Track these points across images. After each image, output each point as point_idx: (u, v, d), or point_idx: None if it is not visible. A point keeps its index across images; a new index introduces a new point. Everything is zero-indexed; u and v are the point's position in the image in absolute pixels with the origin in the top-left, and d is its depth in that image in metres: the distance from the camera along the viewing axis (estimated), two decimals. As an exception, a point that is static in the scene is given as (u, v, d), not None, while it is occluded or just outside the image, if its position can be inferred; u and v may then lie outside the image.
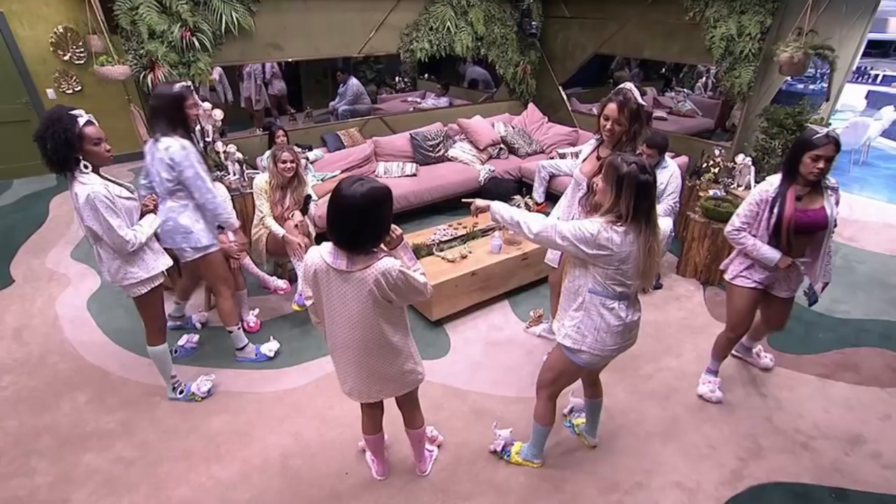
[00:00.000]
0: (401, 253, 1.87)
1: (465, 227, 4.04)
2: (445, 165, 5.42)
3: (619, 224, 1.79)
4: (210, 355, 3.18)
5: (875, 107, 8.80)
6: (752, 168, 4.30)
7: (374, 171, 5.10)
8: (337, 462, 2.46)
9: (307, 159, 4.71)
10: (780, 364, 3.19)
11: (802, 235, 2.42)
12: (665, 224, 3.35)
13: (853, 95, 8.96)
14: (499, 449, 2.48)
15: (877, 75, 11.68)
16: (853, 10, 4.43)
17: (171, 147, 2.50)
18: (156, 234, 2.47)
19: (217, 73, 5.95)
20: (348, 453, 2.50)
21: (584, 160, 2.62)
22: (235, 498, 2.28)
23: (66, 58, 5.99)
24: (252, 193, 3.59)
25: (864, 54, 6.45)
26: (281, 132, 4.33)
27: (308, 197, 3.53)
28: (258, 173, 3.78)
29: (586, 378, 2.30)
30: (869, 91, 9.85)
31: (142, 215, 2.40)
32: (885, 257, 4.60)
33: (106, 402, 2.81)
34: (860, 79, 11.46)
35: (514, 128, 6.02)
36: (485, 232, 3.95)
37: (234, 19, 4.22)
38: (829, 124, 3.61)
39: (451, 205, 5.06)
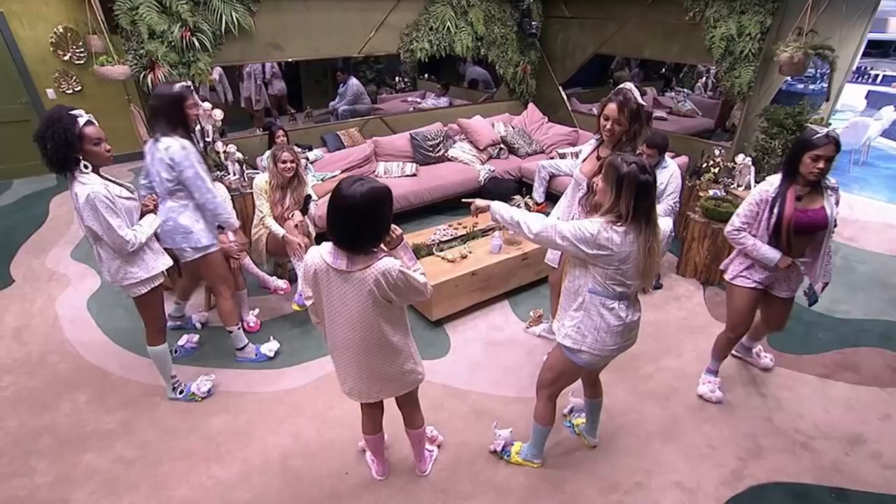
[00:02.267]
0: (401, 253, 1.87)
1: (465, 227, 4.04)
2: (445, 165, 5.42)
3: (619, 224, 1.79)
4: (210, 355, 3.18)
5: (875, 107, 8.80)
6: (752, 168, 4.30)
7: (374, 171, 5.10)
8: (337, 462, 2.46)
9: (307, 159, 4.71)
10: (780, 364, 3.19)
11: (802, 235, 2.42)
12: (665, 224, 3.35)
13: (853, 95, 8.96)
14: (499, 449, 2.48)
15: (877, 75, 11.68)
16: (853, 10, 4.43)
17: (171, 147, 2.50)
18: (156, 234, 2.47)
19: (217, 73, 5.95)
20: (348, 453, 2.50)
21: (584, 160, 2.62)
22: (235, 498, 2.28)
23: (66, 58, 5.99)
24: (252, 193, 3.59)
25: (864, 54, 6.45)
26: (281, 132, 4.33)
27: (308, 197, 3.53)
28: (258, 173, 3.78)
29: (586, 378, 2.30)
30: (869, 91, 9.84)
31: (142, 215, 2.40)
32: (885, 257, 4.60)
33: (106, 402, 2.81)
34: (860, 79, 11.46)
35: (514, 128, 6.02)
36: (485, 232, 3.95)
37: (234, 19, 4.22)
38: (829, 124, 3.61)
39: (451, 205, 5.06)
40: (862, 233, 5.06)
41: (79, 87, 6.16)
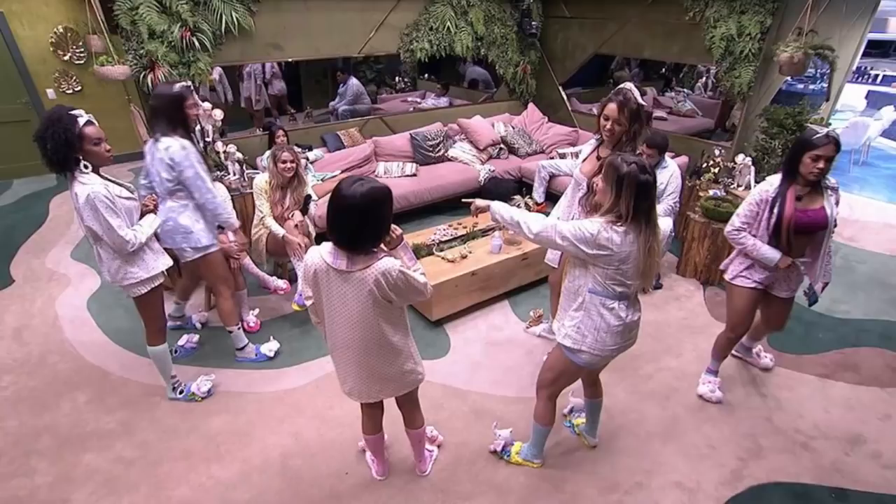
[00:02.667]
0: (401, 253, 1.88)
1: (465, 227, 4.04)
2: (445, 165, 5.42)
3: (619, 224, 1.79)
4: (210, 355, 3.18)
5: (875, 107, 8.80)
6: (752, 168, 4.30)
7: (374, 171, 5.10)
8: (337, 462, 2.46)
9: (307, 159, 4.71)
10: (780, 364, 3.19)
11: (802, 235, 2.42)
12: (665, 224, 3.35)
13: (853, 95, 8.96)
14: (499, 449, 2.48)
15: (877, 75, 11.68)
16: (853, 10, 4.43)
17: (171, 147, 2.50)
18: (156, 234, 2.47)
19: (217, 73, 5.95)
20: (348, 453, 2.50)
21: (584, 160, 2.62)
22: (235, 498, 2.28)
23: (66, 58, 5.99)
24: (252, 193, 3.59)
25: (864, 54, 6.44)
26: (281, 132, 4.33)
27: (308, 197, 3.53)
28: (258, 173, 3.78)
29: (586, 378, 2.30)
30: (869, 91, 9.84)
31: (142, 215, 2.40)
32: (885, 257, 4.60)
33: (106, 402, 2.81)
34: (860, 79, 11.45)
35: (514, 128, 6.02)
36: (485, 232, 3.95)
37: (234, 19, 4.22)
38: (829, 124, 3.61)
39: (451, 205, 5.06)
40: (862, 233, 5.06)
41: (79, 87, 6.16)
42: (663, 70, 7.61)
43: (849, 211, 5.47)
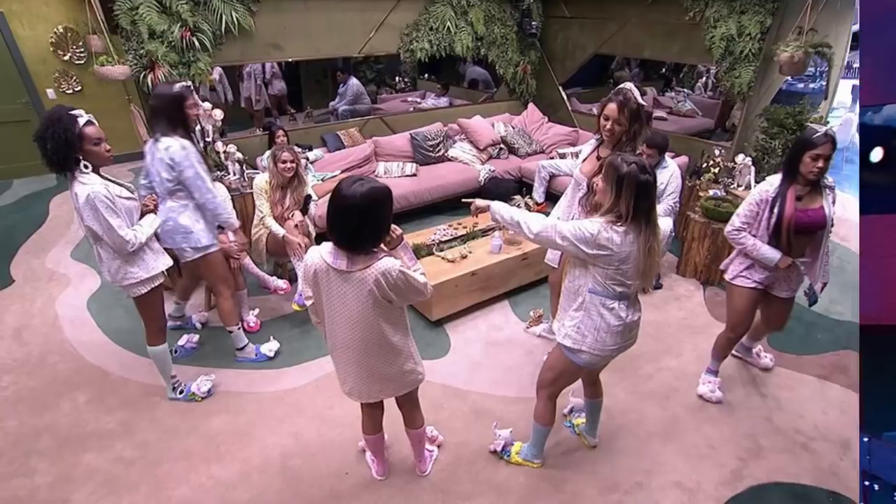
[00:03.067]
0: (401, 253, 1.88)
1: (465, 227, 4.04)
2: (445, 165, 5.42)
3: (619, 224, 1.79)
4: (210, 355, 3.18)
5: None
6: (752, 168, 4.30)
7: (374, 171, 5.10)
8: (337, 462, 2.46)
9: (307, 159, 4.71)
10: (780, 364, 3.19)
11: (802, 235, 2.42)
12: (665, 224, 3.35)
13: (842, 91, 8.86)
14: (499, 449, 2.48)
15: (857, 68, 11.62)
16: (845, 3, 4.39)
17: (171, 147, 2.50)
18: (156, 234, 2.47)
19: (217, 73, 5.96)
20: (348, 453, 2.50)
21: (584, 160, 2.62)
22: (235, 498, 2.28)
23: (66, 58, 5.98)
24: (252, 193, 3.59)
25: (851, 48, 6.38)
26: (281, 132, 4.33)
27: (308, 197, 3.54)
28: (258, 173, 3.79)
29: (586, 378, 2.30)
30: (854, 86, 9.71)
31: (142, 215, 2.40)
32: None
33: (106, 402, 2.81)
34: (847, 73, 11.34)
35: (514, 128, 6.02)
36: (485, 232, 3.95)
37: (234, 19, 4.22)
38: (828, 122, 3.62)
39: (451, 205, 5.06)
40: (854, 232, 5.03)
41: (79, 87, 6.16)
42: (663, 70, 7.61)
43: (842, 210, 5.44)
